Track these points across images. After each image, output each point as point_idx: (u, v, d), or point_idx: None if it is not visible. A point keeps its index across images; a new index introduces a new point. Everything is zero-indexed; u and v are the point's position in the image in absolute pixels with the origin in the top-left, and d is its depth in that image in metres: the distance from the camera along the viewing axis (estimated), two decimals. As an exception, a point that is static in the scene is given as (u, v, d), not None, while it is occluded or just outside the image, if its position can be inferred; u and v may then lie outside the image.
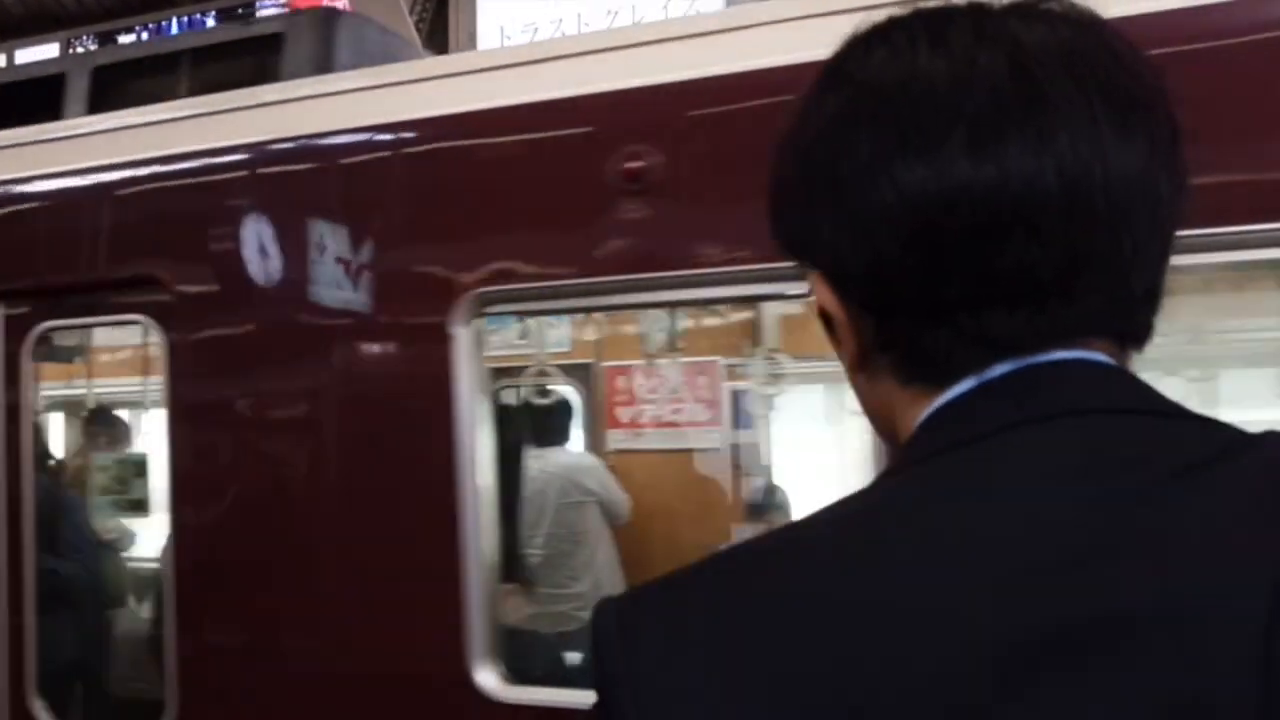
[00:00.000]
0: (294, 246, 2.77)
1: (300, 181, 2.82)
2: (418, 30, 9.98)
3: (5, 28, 16.21)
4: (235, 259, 2.82)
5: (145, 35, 16.09)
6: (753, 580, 0.70)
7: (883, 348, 0.79)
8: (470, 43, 13.53)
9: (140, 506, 3.72)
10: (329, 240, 2.69)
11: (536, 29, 13.22)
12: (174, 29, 15.97)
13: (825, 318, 0.82)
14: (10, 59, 14.61)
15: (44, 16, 16.95)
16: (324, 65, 3.56)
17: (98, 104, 3.93)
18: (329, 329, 2.71)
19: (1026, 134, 0.71)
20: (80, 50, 12.98)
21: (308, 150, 2.79)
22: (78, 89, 3.89)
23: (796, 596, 0.68)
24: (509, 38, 13.48)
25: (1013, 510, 0.67)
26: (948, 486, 0.71)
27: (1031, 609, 0.63)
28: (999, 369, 0.74)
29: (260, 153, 2.87)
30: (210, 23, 15.43)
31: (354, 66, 3.44)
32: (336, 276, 2.68)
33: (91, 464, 4.23)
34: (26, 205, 3.20)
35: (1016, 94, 0.72)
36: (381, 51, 3.75)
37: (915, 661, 0.63)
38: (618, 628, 0.71)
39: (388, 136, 2.72)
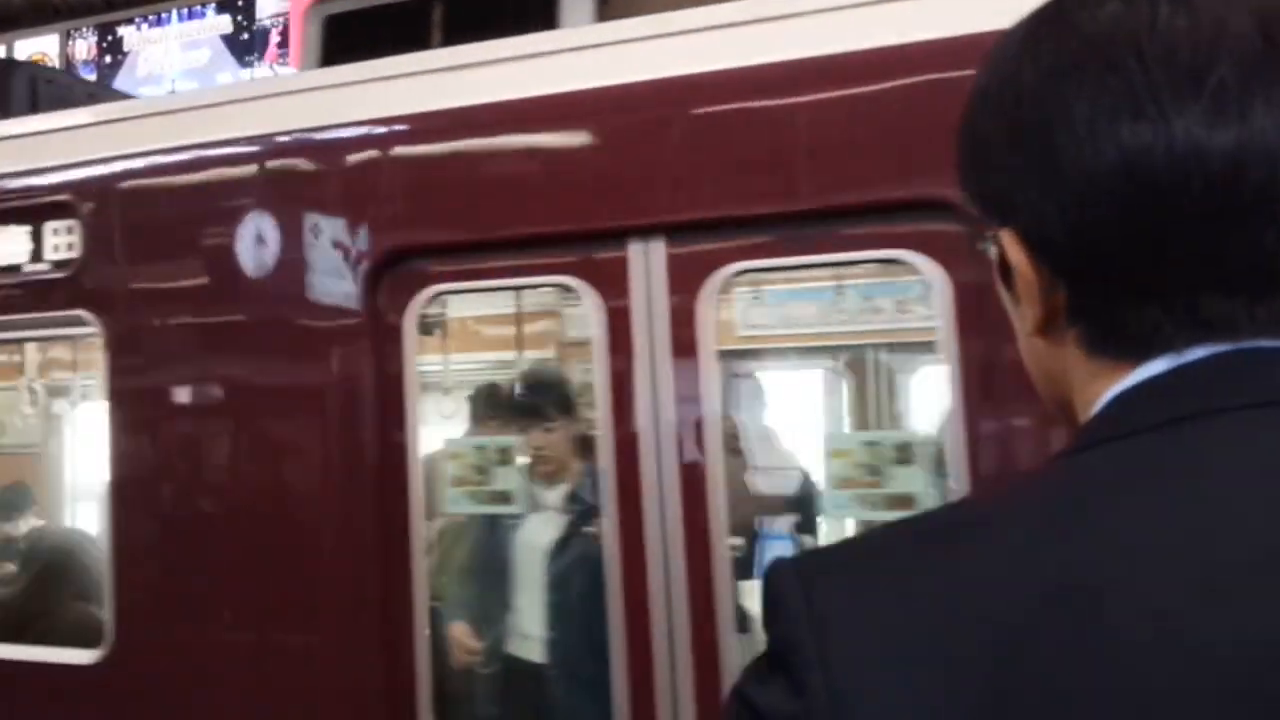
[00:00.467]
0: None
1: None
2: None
3: (5, 19, 15.39)
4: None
5: (145, 26, 15.45)
6: (944, 554, 0.68)
7: (1074, 317, 0.75)
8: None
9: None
10: None
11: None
12: (173, 20, 15.24)
13: (1004, 273, 0.79)
14: (10, 50, 13.99)
15: (44, 8, 16.15)
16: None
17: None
18: None
19: (1273, 108, 0.66)
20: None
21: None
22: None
23: (989, 574, 0.66)
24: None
25: (1219, 501, 0.64)
26: (1148, 471, 0.67)
27: (1242, 612, 0.60)
28: (1199, 351, 0.70)
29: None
30: (210, 13, 14.77)
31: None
32: None
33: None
34: (681, 111, 2.48)
35: (1266, 63, 0.67)
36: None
37: (1109, 658, 0.60)
38: (802, 592, 0.68)
39: None
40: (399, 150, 2.68)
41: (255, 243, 2.81)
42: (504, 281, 2.67)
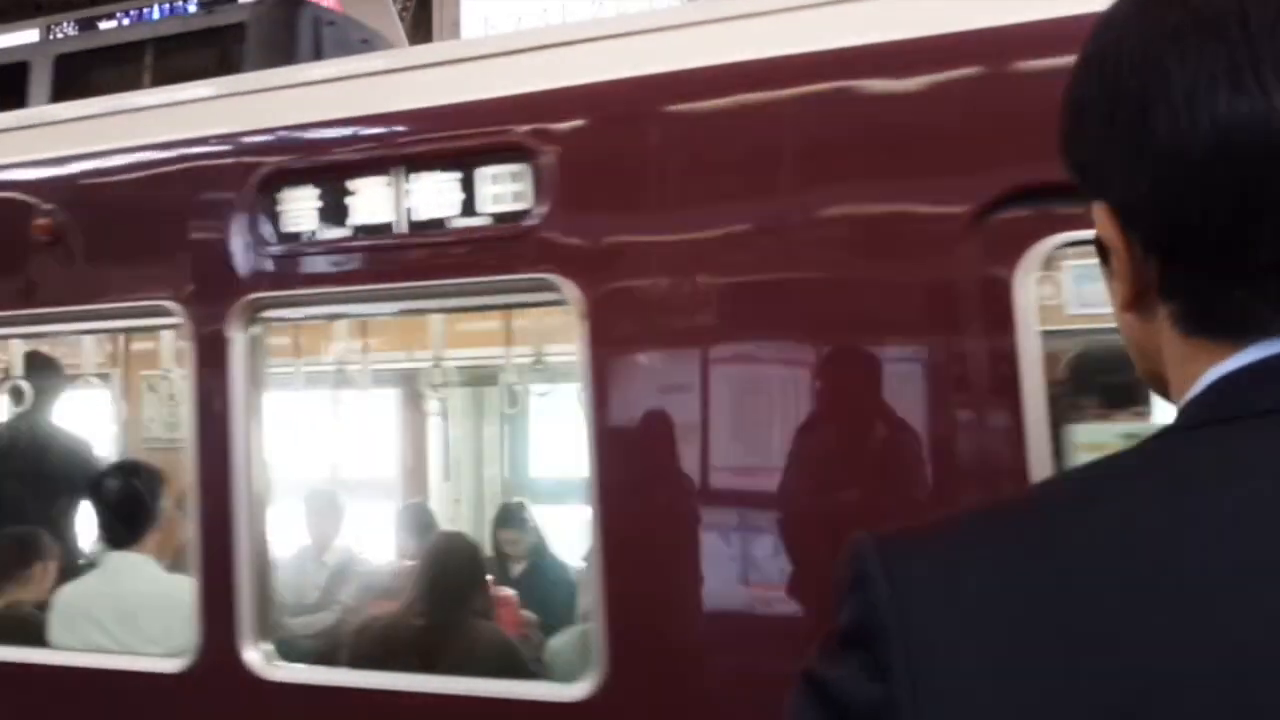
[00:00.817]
0: None
1: None
2: (401, 20, 9.22)
3: (-16, 13, 14.80)
4: None
5: (128, 22, 14.99)
6: (1040, 534, 0.67)
7: (1167, 294, 0.75)
8: (454, 32, 12.64)
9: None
10: None
11: (520, 19, 12.50)
12: (155, 15, 14.75)
13: (1100, 246, 0.79)
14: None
15: (24, 2, 15.61)
16: None
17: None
18: None
19: None
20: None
21: None
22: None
23: (1089, 556, 0.64)
24: (494, 29, 12.67)
25: None
26: (1251, 462, 0.66)
27: None
28: None
29: None
30: (192, 9, 14.34)
31: None
32: None
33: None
34: None
35: None
36: None
37: (1217, 656, 0.59)
38: (884, 570, 0.68)
39: None
40: (1024, 65, 2.19)
41: (800, 183, 2.31)
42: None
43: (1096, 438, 2.29)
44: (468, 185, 2.56)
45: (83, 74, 3.64)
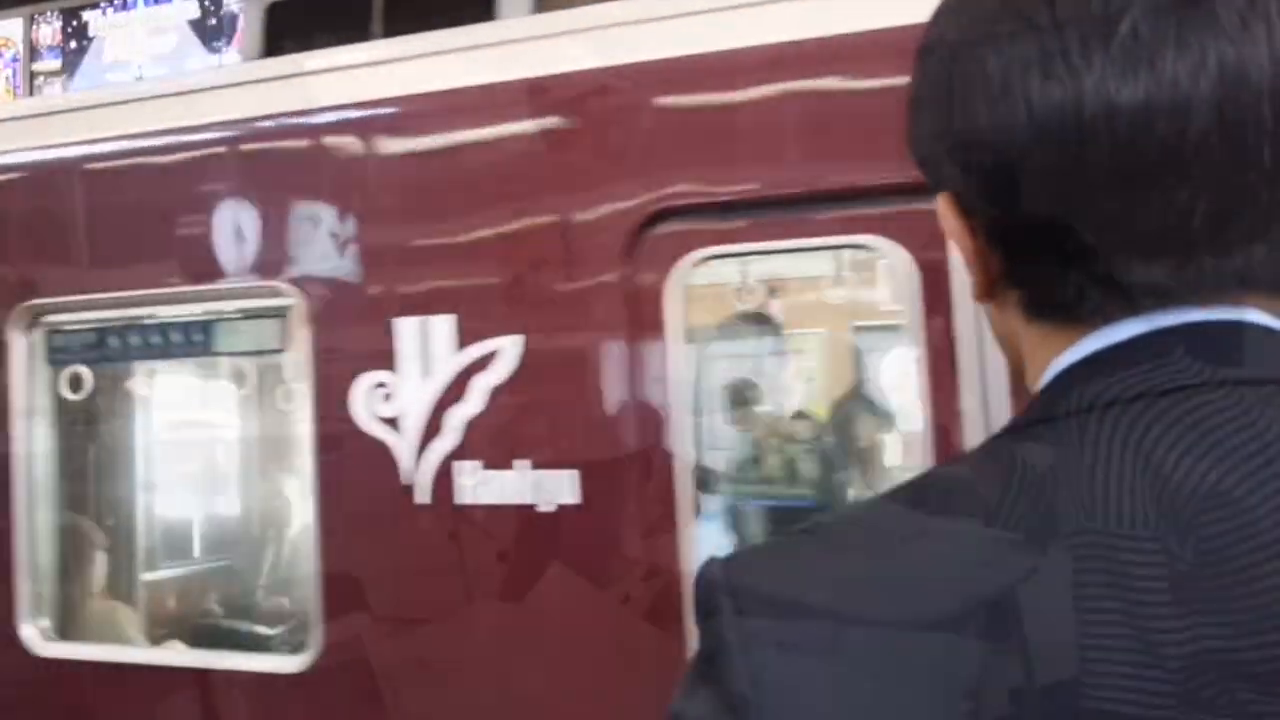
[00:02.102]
0: None
1: None
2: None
3: (-33, 3, 14.81)
4: None
5: (111, 11, 14.96)
6: (876, 552, 0.66)
7: (1010, 283, 0.75)
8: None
9: None
10: None
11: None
12: (139, 5, 14.76)
13: None
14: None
15: None
16: None
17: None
18: None
19: (1185, 52, 0.63)
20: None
21: None
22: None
23: (920, 582, 0.63)
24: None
25: (1171, 498, 0.61)
26: (1082, 458, 0.64)
27: (1207, 611, 0.58)
28: (1132, 327, 0.68)
29: None
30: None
31: None
32: None
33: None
34: None
35: (1180, 8, 0.64)
36: None
37: (1070, 668, 0.58)
38: (730, 603, 0.66)
39: None
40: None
41: None
42: None
43: None
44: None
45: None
